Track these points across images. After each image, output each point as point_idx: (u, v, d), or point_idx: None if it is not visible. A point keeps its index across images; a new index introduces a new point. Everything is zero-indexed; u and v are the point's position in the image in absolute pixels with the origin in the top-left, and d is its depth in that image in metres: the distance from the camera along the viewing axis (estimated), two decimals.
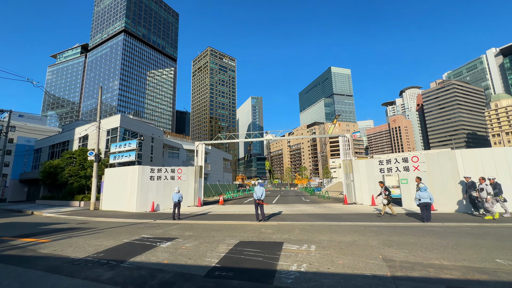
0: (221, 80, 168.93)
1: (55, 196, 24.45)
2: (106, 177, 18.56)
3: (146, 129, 27.86)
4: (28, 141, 33.17)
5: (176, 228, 9.65)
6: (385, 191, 11.54)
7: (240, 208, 16.81)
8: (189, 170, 19.50)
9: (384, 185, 11.84)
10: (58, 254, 5.92)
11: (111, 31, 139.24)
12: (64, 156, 22.65)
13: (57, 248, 6.59)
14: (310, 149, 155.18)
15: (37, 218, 14.27)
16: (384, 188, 11.68)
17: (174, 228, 9.53)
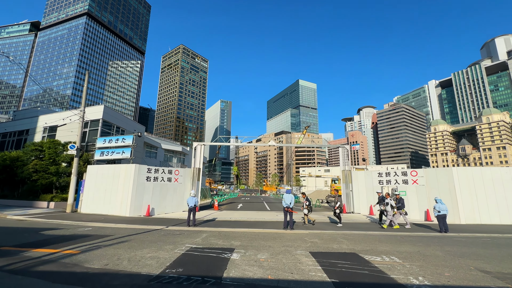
0: (191, 80, 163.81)
1: (8, 195, 20.32)
2: (89, 175, 16.18)
3: (129, 124, 25.29)
4: None
5: (211, 236, 8.81)
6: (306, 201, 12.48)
7: (243, 215, 16.18)
8: (186, 172, 18.21)
9: (306, 196, 12.96)
10: (120, 270, 4.87)
11: (71, 12, 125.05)
12: (28, 148, 19.12)
13: (103, 261, 5.43)
14: (276, 157, 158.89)
15: (6, 222, 11.63)
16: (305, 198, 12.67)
17: (208, 236, 8.68)
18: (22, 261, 5.31)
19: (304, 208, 12.25)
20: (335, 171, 66.13)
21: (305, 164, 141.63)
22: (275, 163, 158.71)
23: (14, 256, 5.69)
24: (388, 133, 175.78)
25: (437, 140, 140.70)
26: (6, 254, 5.87)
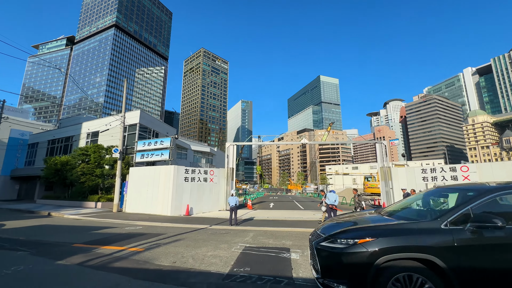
0: (213, 82, 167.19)
1: (60, 196, 22.23)
2: (131, 176, 17.11)
3: (162, 127, 26.40)
4: (22, 134, 30.17)
5: (258, 235, 8.82)
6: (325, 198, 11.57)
7: (280, 214, 16.06)
8: (220, 172, 18.54)
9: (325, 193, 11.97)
10: (190, 268, 5.00)
11: (101, 25, 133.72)
12: (76, 153, 20.71)
13: (170, 259, 5.62)
14: (299, 155, 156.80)
15: (64, 221, 12.68)
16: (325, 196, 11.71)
17: (256, 235, 8.69)
18: (97, 258, 5.68)
19: (324, 206, 11.70)
20: (363, 168, 63.62)
21: (330, 162, 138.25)
22: (299, 161, 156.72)
23: (88, 253, 6.10)
24: (419, 126, 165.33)
25: (476, 132, 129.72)
26: (80, 251, 6.32)
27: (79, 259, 5.57)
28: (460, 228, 2.96)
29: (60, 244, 7.13)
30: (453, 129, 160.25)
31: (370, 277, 2.94)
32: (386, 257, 2.94)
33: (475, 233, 2.87)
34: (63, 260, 5.49)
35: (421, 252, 2.91)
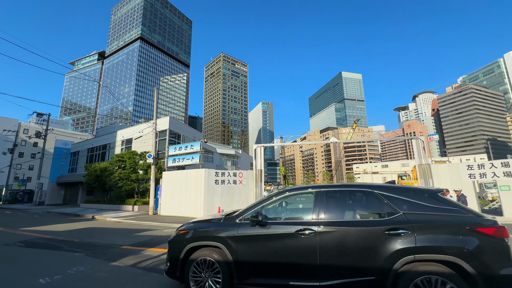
0: (233, 85, 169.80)
1: (100, 200, 23.87)
2: (165, 180, 17.83)
3: (189, 132, 27.30)
4: (65, 144, 33.07)
5: None
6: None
7: None
8: (249, 174, 18.61)
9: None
10: None
11: (128, 38, 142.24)
12: (113, 159, 22.11)
13: None
14: (323, 154, 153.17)
15: (108, 223, 13.52)
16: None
17: None
18: (147, 259, 5.91)
19: None
20: (394, 166, 60.38)
21: (356, 160, 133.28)
22: (323, 161, 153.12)
23: (137, 255, 6.39)
24: (455, 119, 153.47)
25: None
26: (130, 253, 6.65)
27: (131, 260, 5.84)
28: (244, 223, 3.64)
29: (110, 246, 7.57)
30: (495, 120, 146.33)
31: (181, 259, 3.76)
32: (192, 244, 3.78)
33: (249, 226, 3.56)
34: (117, 261, 5.79)
35: (213, 241, 3.69)
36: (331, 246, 3.17)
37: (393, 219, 3.12)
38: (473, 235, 2.84)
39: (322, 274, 3.17)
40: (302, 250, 3.26)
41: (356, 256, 3.07)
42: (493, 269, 2.67)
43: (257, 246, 3.50)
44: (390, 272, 2.88)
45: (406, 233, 2.96)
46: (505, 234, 2.82)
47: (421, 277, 2.78)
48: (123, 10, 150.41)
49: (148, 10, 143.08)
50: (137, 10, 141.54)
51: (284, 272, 3.36)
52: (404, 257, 2.87)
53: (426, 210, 3.14)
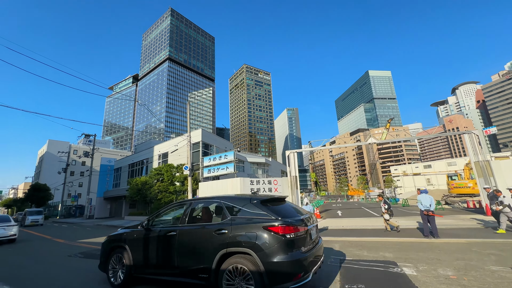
0: (257, 94, 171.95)
1: (142, 212, 25.17)
2: (201, 191, 18.19)
3: (220, 143, 27.89)
4: (109, 161, 35.97)
5: (347, 246, 8.05)
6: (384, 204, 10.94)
7: (355, 222, 14.71)
8: (284, 181, 18.24)
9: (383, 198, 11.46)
10: None
11: (157, 60, 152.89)
12: (152, 173, 23.29)
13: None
14: (356, 157, 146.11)
15: None
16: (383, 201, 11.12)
17: (344, 246, 7.94)
18: None
19: (384, 213, 10.85)
20: (439, 166, 55.14)
21: (392, 162, 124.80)
22: (355, 164, 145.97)
23: None
24: (505, 110, 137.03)
25: None
26: None
27: None
28: (140, 229, 4.92)
29: None
30: None
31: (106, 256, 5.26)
32: (111, 245, 5.24)
33: (146, 230, 4.78)
34: None
35: (120, 242, 5.07)
36: (185, 243, 4.26)
37: (222, 222, 4.03)
38: (265, 232, 3.58)
39: (178, 263, 4.21)
40: (168, 247, 4.43)
41: (198, 250, 4.05)
42: (271, 257, 3.44)
43: (144, 245, 4.73)
44: (214, 260, 3.78)
45: (225, 232, 3.83)
46: (287, 231, 3.57)
47: (232, 265, 3.67)
48: (152, 35, 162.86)
49: (174, 32, 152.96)
50: (164, 33, 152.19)
51: (161, 264, 4.50)
52: (221, 250, 3.76)
53: (244, 215, 3.95)
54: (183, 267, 4.14)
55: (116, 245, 5.15)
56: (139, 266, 4.68)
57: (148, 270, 4.61)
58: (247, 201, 4.14)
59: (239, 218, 3.92)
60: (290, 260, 3.44)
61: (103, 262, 5.26)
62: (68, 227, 21.73)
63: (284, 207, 4.26)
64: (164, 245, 4.48)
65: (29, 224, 24.28)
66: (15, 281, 5.63)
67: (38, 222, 24.98)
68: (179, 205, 5.01)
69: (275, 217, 3.72)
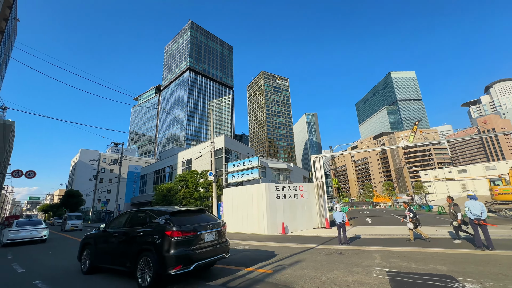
0: (275, 100, 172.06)
1: None
2: (226, 197, 18.14)
3: (242, 148, 27.93)
4: (136, 168, 37.50)
5: (388, 256, 7.43)
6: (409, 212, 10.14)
7: (388, 230, 13.76)
8: (309, 187, 17.69)
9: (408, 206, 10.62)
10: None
11: (178, 71, 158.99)
12: (177, 179, 23.74)
13: (311, 284, 5.07)
14: (380, 162, 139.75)
15: None
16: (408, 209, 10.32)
17: (386, 257, 7.33)
18: (235, 279, 5.65)
19: (409, 222, 10.07)
20: (475, 170, 50.94)
21: (421, 167, 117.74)
22: (380, 169, 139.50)
23: (222, 273, 6.20)
24: None
25: None
26: (212, 272, 6.52)
27: (219, 280, 5.65)
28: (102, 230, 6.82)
29: None
30: None
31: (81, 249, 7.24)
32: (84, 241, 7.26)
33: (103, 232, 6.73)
34: (207, 280, 5.66)
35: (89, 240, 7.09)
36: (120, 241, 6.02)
37: (143, 227, 5.68)
38: (163, 236, 5.09)
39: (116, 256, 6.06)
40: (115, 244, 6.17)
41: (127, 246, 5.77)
42: (163, 253, 4.93)
43: (101, 242, 6.68)
44: (137, 254, 5.38)
45: (142, 234, 5.51)
46: (175, 235, 5.07)
47: (143, 257, 5.23)
48: (174, 47, 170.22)
49: (194, 44, 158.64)
50: (185, 45, 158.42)
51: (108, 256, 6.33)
52: (139, 247, 5.39)
53: (158, 222, 5.48)
54: (118, 258, 6.02)
55: (87, 242, 7.13)
56: (97, 258, 6.60)
57: (102, 261, 6.48)
58: (162, 213, 5.72)
59: (154, 224, 5.56)
60: (174, 255, 4.96)
61: (79, 254, 7.25)
62: None
63: (193, 218, 5.87)
64: (110, 243, 6.36)
65: (69, 229, 24.88)
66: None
67: (77, 227, 25.15)
68: (125, 213, 6.78)
69: (173, 225, 5.25)
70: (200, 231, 5.47)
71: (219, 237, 5.96)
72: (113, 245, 6.16)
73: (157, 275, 4.90)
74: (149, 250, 5.17)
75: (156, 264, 4.91)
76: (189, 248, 5.15)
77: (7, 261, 9.31)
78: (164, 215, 5.58)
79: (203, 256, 5.32)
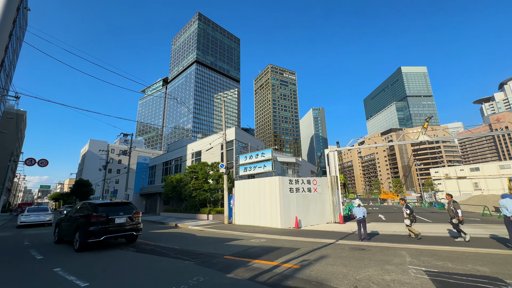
0: (282, 94, 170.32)
1: (177, 209, 25.71)
2: (237, 189, 17.91)
3: (253, 141, 27.59)
4: (144, 159, 37.64)
5: (417, 255, 7.05)
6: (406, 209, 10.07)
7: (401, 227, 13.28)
8: (323, 181, 17.30)
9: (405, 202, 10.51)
10: None
11: (185, 63, 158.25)
12: (187, 171, 23.63)
13: (345, 281, 4.76)
14: (387, 159, 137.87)
15: (192, 231, 13.99)
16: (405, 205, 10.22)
17: (416, 255, 6.95)
18: (263, 273, 5.37)
19: (406, 218, 10.04)
20: (489, 168, 49.63)
21: (430, 164, 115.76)
22: (387, 166, 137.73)
23: (247, 267, 5.94)
24: None
25: None
26: (238, 264, 6.27)
27: (245, 273, 5.39)
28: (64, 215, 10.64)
29: (212, 255, 7.41)
30: None
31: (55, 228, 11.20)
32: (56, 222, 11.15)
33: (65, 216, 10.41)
34: (231, 273, 5.41)
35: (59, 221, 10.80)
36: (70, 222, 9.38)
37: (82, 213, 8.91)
38: (86, 218, 8.45)
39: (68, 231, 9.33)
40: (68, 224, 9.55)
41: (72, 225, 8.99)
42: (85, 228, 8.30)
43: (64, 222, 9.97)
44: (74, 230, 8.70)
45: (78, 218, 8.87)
46: (92, 217, 8.36)
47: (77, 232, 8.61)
48: (181, 40, 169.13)
49: (202, 36, 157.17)
50: (192, 37, 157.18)
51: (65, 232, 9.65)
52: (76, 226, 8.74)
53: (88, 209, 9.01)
54: (67, 232, 9.37)
55: (57, 222, 10.69)
56: (60, 233, 10.19)
57: (62, 235, 9.99)
58: (92, 205, 8.99)
59: (86, 211, 8.90)
60: (91, 230, 8.11)
61: (54, 232, 10.84)
62: None
63: (113, 208, 9.03)
64: (66, 223, 9.72)
65: None
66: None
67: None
68: (78, 204, 10.11)
69: (94, 212, 8.49)
70: (111, 216, 8.59)
71: (130, 220, 9.08)
72: (67, 224, 9.55)
73: (81, 243, 8.19)
74: (80, 227, 8.46)
75: (81, 236, 8.22)
76: (102, 226, 8.34)
77: (25, 248, 9.30)
78: (92, 206, 8.96)
79: (112, 231, 8.53)
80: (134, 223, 9.12)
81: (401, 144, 23.25)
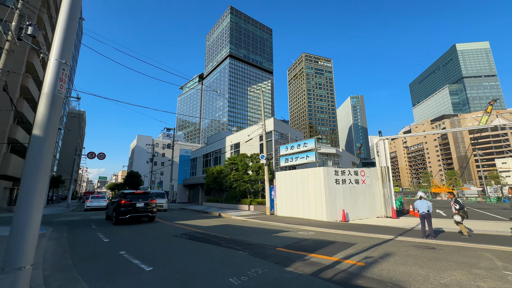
0: (317, 83, 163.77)
1: (218, 200, 26.55)
2: (279, 181, 17.58)
3: (292, 132, 26.93)
4: (186, 152, 39.71)
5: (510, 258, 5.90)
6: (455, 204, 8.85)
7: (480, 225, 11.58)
8: (372, 172, 16.01)
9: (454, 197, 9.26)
10: None
11: (219, 58, 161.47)
12: (227, 162, 24.08)
13: (429, 286, 4.06)
14: (439, 149, 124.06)
15: (236, 221, 14.13)
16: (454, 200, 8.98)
17: (505, 258, 5.81)
18: (325, 269, 4.96)
19: (455, 214, 8.90)
20: None
21: (493, 154, 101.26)
22: (438, 157, 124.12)
23: (305, 261, 5.58)
24: None
25: None
26: (294, 257, 5.94)
27: (305, 268, 5.03)
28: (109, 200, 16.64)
29: (264, 246, 7.22)
30: None
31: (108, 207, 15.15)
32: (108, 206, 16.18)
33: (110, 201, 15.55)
34: (290, 267, 5.11)
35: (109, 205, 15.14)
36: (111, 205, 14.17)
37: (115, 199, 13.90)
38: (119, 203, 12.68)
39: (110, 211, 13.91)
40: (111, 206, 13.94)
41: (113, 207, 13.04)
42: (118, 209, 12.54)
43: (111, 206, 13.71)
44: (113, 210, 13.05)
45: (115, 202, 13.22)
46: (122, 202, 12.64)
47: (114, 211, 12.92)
48: (214, 35, 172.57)
49: (234, 29, 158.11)
50: (225, 32, 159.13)
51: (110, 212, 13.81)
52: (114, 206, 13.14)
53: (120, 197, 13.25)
54: (110, 212, 13.50)
55: (107, 206, 15.49)
56: (108, 213, 14.49)
57: (109, 214, 13.94)
58: (123, 194, 13.01)
59: (119, 197, 12.87)
60: (121, 210, 12.23)
61: (107, 213, 15.01)
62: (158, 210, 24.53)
63: (136, 195, 12.98)
64: (111, 206, 13.68)
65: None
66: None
67: (162, 206, 21.40)
68: (118, 193, 13.96)
69: (124, 198, 12.59)
70: (133, 201, 12.54)
71: (147, 205, 12.86)
72: (110, 207, 13.60)
73: (116, 219, 12.25)
74: (115, 209, 12.31)
75: (116, 214, 12.22)
76: (127, 208, 12.29)
77: (93, 231, 10.33)
78: (123, 194, 12.88)
79: (135, 211, 12.46)
80: (149, 207, 12.94)
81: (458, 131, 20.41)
